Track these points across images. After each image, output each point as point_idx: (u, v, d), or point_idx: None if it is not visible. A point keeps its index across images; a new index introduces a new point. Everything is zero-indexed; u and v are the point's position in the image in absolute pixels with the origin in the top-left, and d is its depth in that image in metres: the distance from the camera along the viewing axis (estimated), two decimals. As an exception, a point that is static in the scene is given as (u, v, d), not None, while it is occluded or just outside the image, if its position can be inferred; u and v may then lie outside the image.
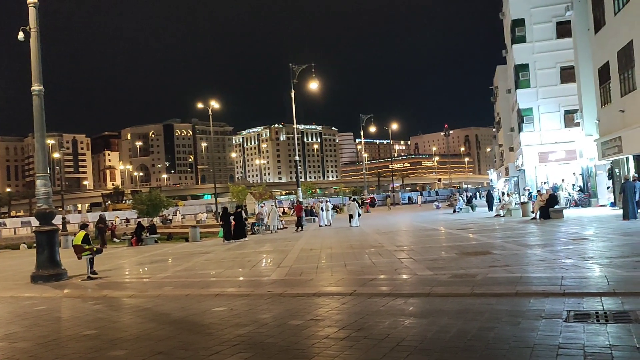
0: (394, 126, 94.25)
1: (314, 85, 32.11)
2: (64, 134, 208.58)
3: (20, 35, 14.12)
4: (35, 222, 54.58)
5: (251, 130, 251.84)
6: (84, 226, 14.59)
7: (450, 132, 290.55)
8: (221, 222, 25.27)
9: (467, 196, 44.71)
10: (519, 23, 36.58)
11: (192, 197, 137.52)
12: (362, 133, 65.39)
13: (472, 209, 36.51)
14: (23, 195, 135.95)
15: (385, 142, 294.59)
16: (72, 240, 14.59)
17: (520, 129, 37.07)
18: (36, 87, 14.04)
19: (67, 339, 7.54)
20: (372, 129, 66.92)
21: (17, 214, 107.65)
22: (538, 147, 35.16)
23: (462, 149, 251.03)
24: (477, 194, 71.66)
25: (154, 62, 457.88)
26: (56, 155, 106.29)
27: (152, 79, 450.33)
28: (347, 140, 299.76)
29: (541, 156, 35.14)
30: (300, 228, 28.29)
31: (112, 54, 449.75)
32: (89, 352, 6.57)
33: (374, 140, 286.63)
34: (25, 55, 14.50)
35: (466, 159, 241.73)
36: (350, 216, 28.99)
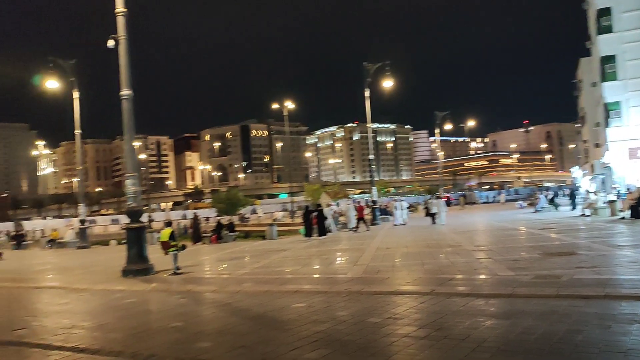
0: (471, 123, 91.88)
1: (388, 84, 31.85)
2: (149, 136, 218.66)
3: (111, 43, 14.96)
4: (123, 219, 57.50)
5: (325, 129, 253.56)
6: (169, 224, 15.30)
7: (531, 128, 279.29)
8: (303, 220, 25.82)
9: (549, 195, 42.85)
10: (604, 12, 34.61)
11: (268, 196, 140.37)
12: (437, 131, 64.16)
13: (555, 208, 34.95)
14: (112, 194, 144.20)
15: (461, 139, 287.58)
16: (159, 237, 15.30)
17: (607, 124, 35.07)
18: (125, 92, 14.84)
19: (156, 330, 7.95)
20: (448, 126, 65.54)
21: (107, 212, 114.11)
22: (627, 143, 33.14)
23: (544, 145, 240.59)
24: (560, 192, 68.49)
25: (230, 64, 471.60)
26: (142, 156, 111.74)
27: (229, 80, 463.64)
28: (422, 138, 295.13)
29: (631, 152, 33.08)
30: (360, 228, 28.21)
31: (191, 57, 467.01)
32: (177, 344, 6.90)
33: (450, 138, 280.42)
34: (113, 61, 15.35)
35: (547, 156, 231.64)
36: (432, 214, 28.86)
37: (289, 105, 57.67)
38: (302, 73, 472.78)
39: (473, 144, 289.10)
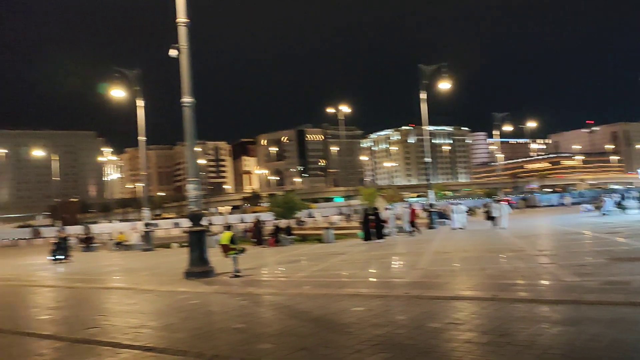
0: (531, 124, 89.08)
1: (445, 86, 31.43)
2: (208, 142, 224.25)
3: (173, 53, 15.49)
4: (184, 223, 59.05)
5: (380, 133, 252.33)
6: (229, 227, 15.68)
7: (595, 128, 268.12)
8: (361, 223, 25.90)
9: (616, 197, 40.98)
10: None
11: (323, 200, 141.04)
12: (496, 132, 62.84)
13: (623, 211, 33.41)
14: (173, 198, 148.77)
15: (521, 141, 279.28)
16: (219, 240, 15.70)
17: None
18: (187, 99, 15.32)
19: (219, 331, 8.17)
20: (508, 127, 63.94)
21: (169, 216, 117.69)
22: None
23: (610, 146, 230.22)
24: (628, 194, 65.27)
25: (286, 69, 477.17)
26: (201, 161, 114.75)
27: (285, 85, 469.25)
28: (480, 140, 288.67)
29: None
30: (412, 232, 27.91)
31: (248, 63, 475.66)
32: (239, 345, 7.07)
33: (509, 140, 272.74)
34: (174, 69, 15.85)
35: (614, 158, 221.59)
36: (493, 218, 28.36)
37: (344, 109, 57.89)
38: (356, 76, 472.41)
39: (534, 146, 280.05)
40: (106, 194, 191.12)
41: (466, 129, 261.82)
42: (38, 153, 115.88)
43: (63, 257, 24.89)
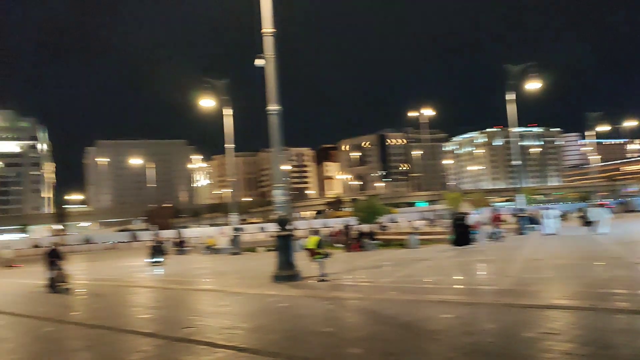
0: (630, 123, 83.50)
1: (533, 86, 30.19)
2: (291, 148, 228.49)
3: (260, 62, 16.02)
4: (269, 227, 60.50)
5: (465, 135, 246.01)
6: (316, 232, 15.93)
7: None
8: (451, 228, 25.43)
9: None
10: None
11: (406, 205, 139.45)
12: (590, 133, 59.41)
13: None
14: (258, 203, 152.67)
15: (618, 142, 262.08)
16: (303, 244, 15.97)
17: None
18: (273, 107, 15.77)
19: (309, 334, 8.35)
20: (603, 127, 60.32)
21: (254, 221, 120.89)
22: None
23: None
24: None
25: (366, 73, 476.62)
26: (285, 167, 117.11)
27: (366, 90, 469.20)
28: (572, 141, 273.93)
29: None
30: (499, 238, 26.88)
31: (329, 69, 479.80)
32: (329, 348, 7.19)
33: (604, 140, 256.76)
34: (258, 77, 16.35)
35: None
36: (590, 223, 26.96)
37: (427, 112, 57.01)
38: (439, 79, 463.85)
39: (632, 146, 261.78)
40: (196, 199, 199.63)
41: (557, 129, 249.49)
42: (135, 161, 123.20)
43: (161, 259, 26.28)
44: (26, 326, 11.09)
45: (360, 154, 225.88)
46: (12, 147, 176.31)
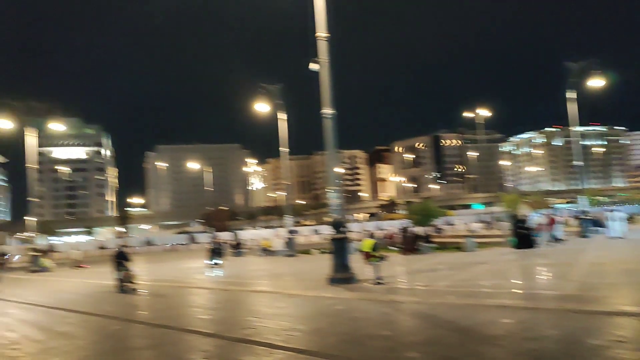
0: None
1: (596, 83, 29.07)
2: (344, 150, 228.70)
3: (314, 66, 16.17)
4: (323, 230, 60.68)
5: (522, 135, 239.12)
6: (371, 235, 15.92)
7: None
8: (512, 231, 24.85)
9: None
10: None
11: (461, 207, 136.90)
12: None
13: None
14: (312, 206, 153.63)
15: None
16: (359, 247, 15.98)
17: None
18: (327, 110, 15.88)
19: (366, 337, 8.36)
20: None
21: (308, 223, 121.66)
22: None
23: None
24: None
25: (419, 74, 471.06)
26: (338, 170, 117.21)
27: (419, 90, 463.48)
28: (638, 141, 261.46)
29: None
30: (559, 241, 25.93)
31: (382, 70, 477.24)
32: (387, 352, 7.19)
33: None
34: (311, 81, 16.48)
35: None
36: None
37: (483, 112, 55.80)
38: (495, 78, 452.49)
39: None
40: (251, 202, 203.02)
41: (622, 128, 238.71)
42: (193, 165, 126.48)
43: (220, 261, 26.91)
44: (95, 324, 11.61)
45: (414, 155, 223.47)
46: (79, 153, 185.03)
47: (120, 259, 17.94)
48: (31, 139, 35.51)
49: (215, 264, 26.60)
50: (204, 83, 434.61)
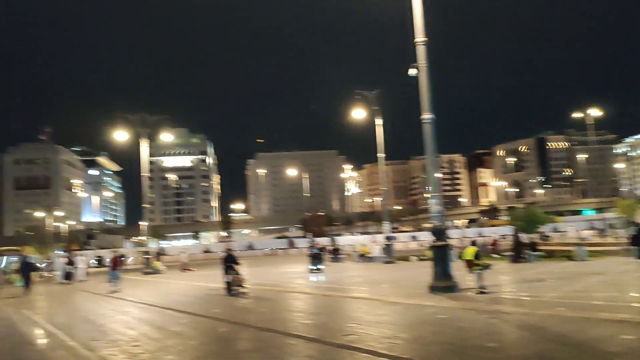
0: None
1: None
2: (442, 155, 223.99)
3: (412, 72, 16.04)
4: (421, 236, 59.80)
5: (639, 136, 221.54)
6: (474, 242, 15.46)
7: None
8: (633, 239, 23.01)
9: None
10: None
11: (570, 213, 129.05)
12: None
13: None
14: (409, 212, 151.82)
15: None
16: (461, 254, 15.57)
17: None
18: (427, 116, 15.68)
19: (471, 348, 8.12)
20: None
21: (405, 229, 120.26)
22: None
23: None
24: None
25: (521, 75, 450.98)
26: (437, 175, 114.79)
27: (521, 92, 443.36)
28: None
29: None
30: None
31: (480, 73, 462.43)
32: (494, 364, 6.95)
33: None
34: (408, 86, 16.32)
35: None
36: None
37: (594, 112, 52.35)
38: (606, 76, 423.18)
39: None
40: (347, 208, 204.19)
41: None
42: (291, 172, 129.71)
43: (322, 266, 27.50)
44: (204, 325, 12.22)
45: (516, 159, 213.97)
46: (185, 161, 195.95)
47: (229, 262, 18.44)
48: (144, 149, 38.09)
49: (318, 269, 27.09)
50: (301, 91, 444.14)
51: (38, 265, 44.53)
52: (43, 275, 42.93)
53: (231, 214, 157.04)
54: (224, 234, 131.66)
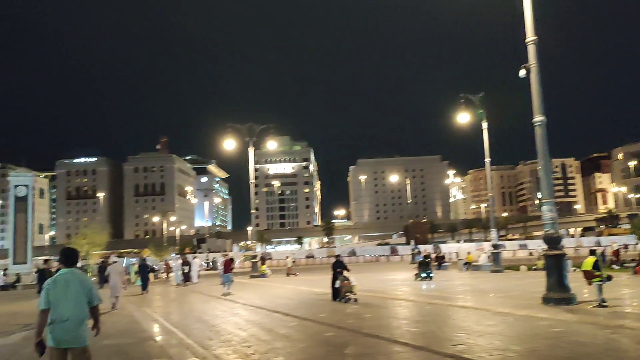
0: None
1: None
2: (553, 159, 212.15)
3: (522, 73, 15.38)
4: (530, 245, 57.12)
5: None
6: (593, 252, 14.47)
7: None
8: None
9: None
10: None
11: None
12: None
13: None
14: (516, 219, 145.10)
15: None
16: (582, 266, 14.64)
17: None
18: (538, 118, 14.93)
19: (592, 365, 7.61)
20: None
21: (513, 237, 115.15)
22: None
23: None
24: None
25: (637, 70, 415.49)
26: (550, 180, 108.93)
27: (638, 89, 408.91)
28: None
29: None
30: None
31: (599, 70, 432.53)
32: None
33: None
34: (514, 88, 15.63)
35: None
36: None
37: None
38: None
39: None
40: (451, 214, 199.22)
41: None
42: (393, 178, 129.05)
43: (431, 274, 27.19)
44: (311, 329, 12.43)
45: (638, 162, 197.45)
46: (288, 168, 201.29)
47: (339, 267, 18.46)
48: (251, 157, 39.62)
49: (428, 276, 26.74)
50: (403, 96, 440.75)
51: (154, 267, 47.80)
52: (158, 277, 45.99)
53: (333, 220, 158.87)
54: (326, 239, 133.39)
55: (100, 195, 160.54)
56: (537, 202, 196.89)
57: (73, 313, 5.64)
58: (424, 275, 26.87)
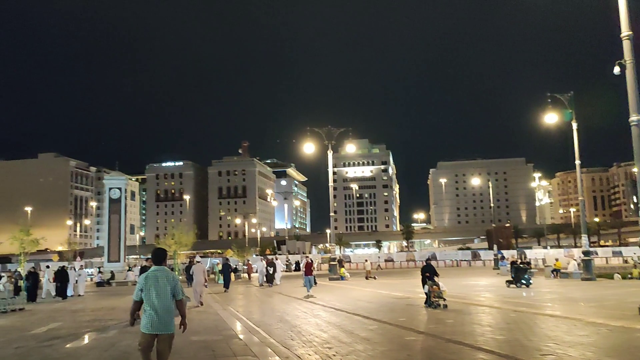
0: None
1: None
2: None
3: (616, 70, 14.58)
4: (625, 252, 53.66)
5: None
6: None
7: None
8: None
9: None
10: None
11: None
12: None
13: None
14: (610, 225, 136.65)
15: None
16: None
17: None
18: (635, 117, 14.07)
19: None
20: None
21: (606, 244, 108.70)
22: None
23: None
24: None
25: None
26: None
27: None
28: None
29: None
30: None
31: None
32: None
33: None
34: (604, 87, 14.81)
35: None
36: None
37: None
38: None
39: None
40: (537, 219, 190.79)
41: None
42: (475, 181, 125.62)
43: (531, 281, 26.53)
44: (391, 333, 12.37)
45: None
46: (367, 171, 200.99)
47: (428, 272, 18.13)
48: (330, 160, 39.95)
49: (522, 283, 25.91)
50: (484, 97, 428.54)
51: (236, 267, 49.31)
52: (240, 277, 47.36)
53: (412, 224, 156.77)
54: (405, 243, 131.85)
55: (187, 197, 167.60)
56: (632, 206, 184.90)
57: (161, 304, 6.59)
58: (523, 282, 26.00)
